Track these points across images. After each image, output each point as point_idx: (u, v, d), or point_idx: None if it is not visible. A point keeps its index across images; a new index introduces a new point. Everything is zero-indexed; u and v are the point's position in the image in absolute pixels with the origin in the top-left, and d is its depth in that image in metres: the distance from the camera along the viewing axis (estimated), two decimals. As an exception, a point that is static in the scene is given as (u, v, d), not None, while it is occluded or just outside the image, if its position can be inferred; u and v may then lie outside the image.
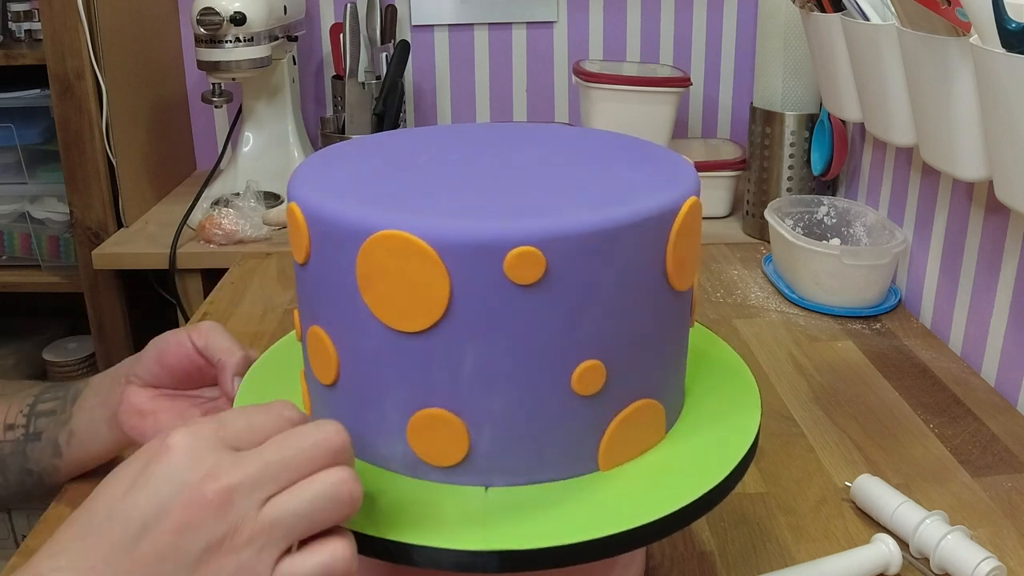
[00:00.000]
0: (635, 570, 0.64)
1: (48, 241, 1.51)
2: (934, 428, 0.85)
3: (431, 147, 0.60)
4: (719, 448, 0.55)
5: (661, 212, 0.50)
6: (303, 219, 0.50)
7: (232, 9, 1.35)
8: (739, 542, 0.70)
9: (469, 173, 0.55)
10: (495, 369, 0.49)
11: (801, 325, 1.07)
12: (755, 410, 0.58)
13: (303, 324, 0.55)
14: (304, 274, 0.52)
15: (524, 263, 0.46)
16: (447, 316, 0.47)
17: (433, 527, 0.48)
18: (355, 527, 0.48)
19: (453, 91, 1.71)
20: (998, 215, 0.95)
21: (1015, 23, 0.71)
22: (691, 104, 1.71)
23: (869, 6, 0.99)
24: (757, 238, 1.36)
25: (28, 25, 1.50)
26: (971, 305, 1.00)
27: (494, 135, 0.63)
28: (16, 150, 1.49)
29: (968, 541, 0.66)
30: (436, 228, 0.46)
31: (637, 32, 1.67)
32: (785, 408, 0.89)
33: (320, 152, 0.59)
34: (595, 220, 0.48)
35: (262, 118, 1.54)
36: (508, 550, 0.47)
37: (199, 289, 1.39)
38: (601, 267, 0.48)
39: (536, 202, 0.51)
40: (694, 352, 0.62)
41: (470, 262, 0.46)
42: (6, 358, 1.67)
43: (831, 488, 0.77)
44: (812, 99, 1.30)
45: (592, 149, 0.60)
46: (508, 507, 0.50)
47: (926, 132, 0.93)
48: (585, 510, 0.50)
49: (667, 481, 0.52)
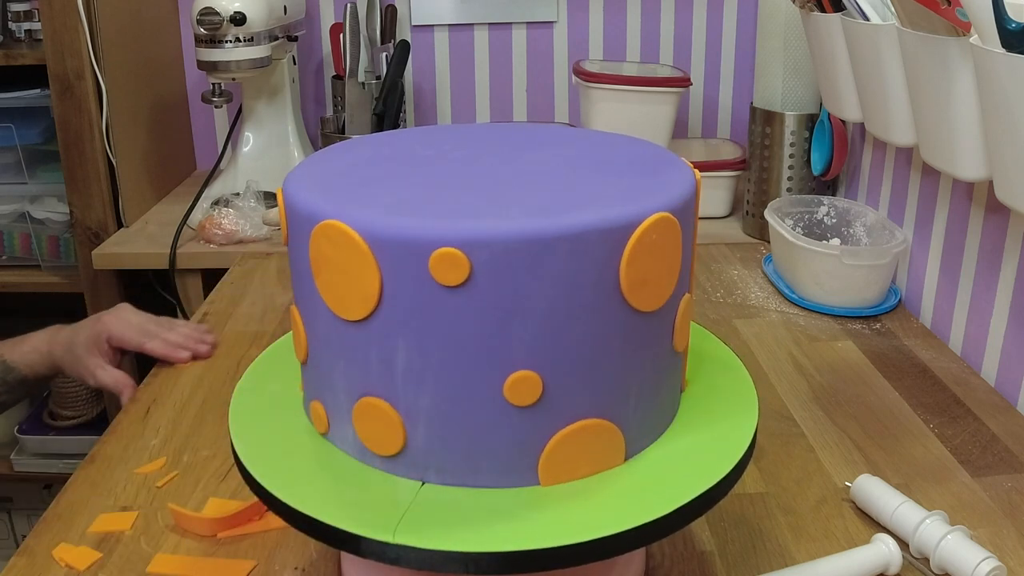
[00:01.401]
0: (635, 570, 0.64)
1: (48, 241, 1.51)
2: (934, 428, 0.85)
3: (423, 146, 0.61)
4: (687, 472, 0.53)
5: (610, 226, 0.48)
6: (283, 204, 0.54)
7: (232, 9, 1.35)
8: (739, 542, 0.70)
9: (439, 173, 0.56)
10: (425, 366, 0.49)
11: (801, 325, 1.07)
12: (751, 412, 0.58)
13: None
14: (289, 257, 0.56)
15: (447, 264, 0.46)
16: (379, 308, 0.49)
17: (356, 511, 0.50)
18: (293, 501, 0.50)
19: (453, 91, 1.71)
20: (998, 215, 0.95)
21: (1015, 23, 0.71)
22: (691, 104, 1.71)
23: (869, 6, 0.99)
24: (757, 238, 1.36)
25: (28, 25, 1.50)
26: (971, 305, 1.00)
27: (494, 136, 0.64)
28: (16, 150, 1.49)
29: (968, 541, 0.66)
30: (369, 222, 0.48)
31: (637, 32, 1.67)
32: (785, 408, 0.89)
33: (324, 149, 0.61)
34: (526, 227, 0.46)
35: (262, 118, 1.54)
36: (409, 546, 0.47)
37: (199, 289, 1.39)
38: (532, 276, 0.47)
39: (482, 204, 0.50)
40: (690, 352, 0.62)
41: (397, 258, 0.47)
42: (6, 358, 1.67)
43: (831, 488, 0.77)
44: (812, 99, 1.30)
45: (584, 152, 0.60)
46: (434, 505, 0.50)
47: (926, 132, 0.93)
48: (508, 523, 0.49)
49: (607, 503, 0.51)
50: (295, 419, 0.59)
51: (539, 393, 0.50)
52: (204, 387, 0.94)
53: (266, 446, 0.56)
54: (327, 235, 0.49)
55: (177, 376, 0.96)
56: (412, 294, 0.48)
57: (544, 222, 0.47)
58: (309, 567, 0.67)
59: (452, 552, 0.47)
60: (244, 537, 0.70)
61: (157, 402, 0.91)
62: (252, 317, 1.11)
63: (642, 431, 0.55)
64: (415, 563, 0.47)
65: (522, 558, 0.47)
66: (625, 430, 0.53)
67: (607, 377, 0.51)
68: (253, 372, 0.64)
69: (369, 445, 0.53)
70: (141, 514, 0.73)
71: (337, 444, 0.55)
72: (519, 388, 0.49)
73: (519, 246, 0.47)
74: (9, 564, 0.67)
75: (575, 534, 0.48)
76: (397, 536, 0.48)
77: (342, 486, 0.52)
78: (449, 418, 0.50)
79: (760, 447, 0.82)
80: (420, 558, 0.47)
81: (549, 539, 0.47)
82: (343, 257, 0.49)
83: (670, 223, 0.51)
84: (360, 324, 0.50)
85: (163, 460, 0.80)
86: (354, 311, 0.50)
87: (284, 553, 0.68)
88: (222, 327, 1.08)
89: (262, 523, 0.71)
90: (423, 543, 0.47)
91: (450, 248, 0.46)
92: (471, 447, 0.51)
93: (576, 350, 0.50)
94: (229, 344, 1.03)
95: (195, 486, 0.77)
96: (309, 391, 0.57)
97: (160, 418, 0.88)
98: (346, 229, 0.48)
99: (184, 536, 0.70)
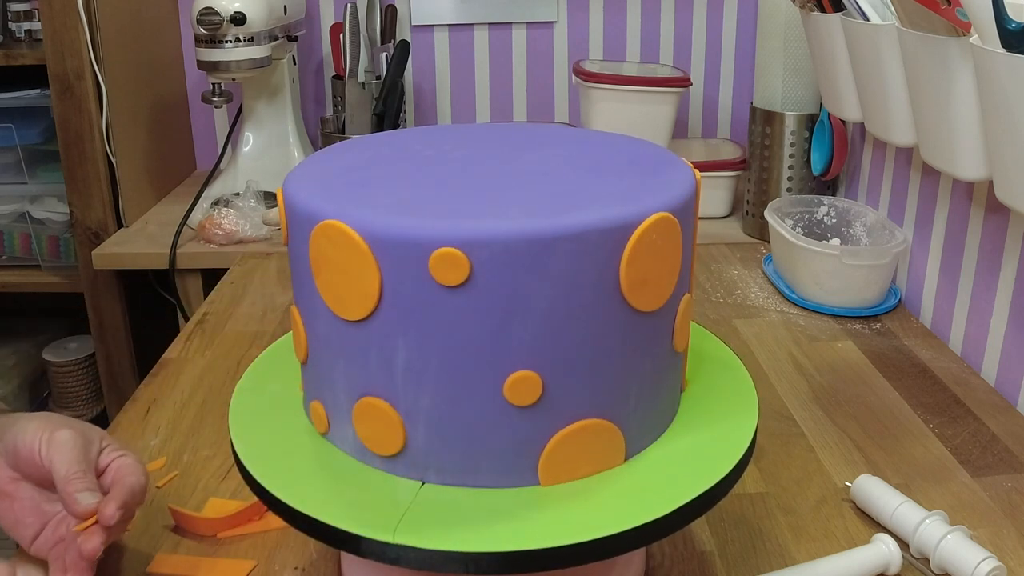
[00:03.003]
0: (635, 570, 0.64)
1: (48, 241, 1.51)
2: (934, 428, 0.85)
3: (423, 146, 0.61)
4: (687, 472, 0.53)
5: (610, 226, 0.48)
6: (282, 204, 0.54)
7: (232, 9, 1.35)
8: (739, 542, 0.70)
9: (439, 172, 0.56)
10: (425, 366, 0.49)
11: (801, 325, 1.07)
12: (751, 412, 0.58)
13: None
14: (289, 257, 0.56)
15: (447, 264, 0.46)
16: (379, 308, 0.49)
17: (355, 511, 0.50)
18: (295, 503, 0.50)
19: (453, 91, 1.71)
20: (998, 215, 0.95)
21: (1015, 23, 0.71)
22: (691, 104, 1.71)
23: (869, 6, 0.99)
24: (757, 238, 1.36)
25: (28, 25, 1.50)
26: (971, 305, 1.00)
27: (494, 136, 0.64)
28: (16, 150, 1.49)
29: (968, 541, 0.66)
30: (369, 222, 0.48)
31: (637, 32, 1.67)
32: (785, 408, 0.89)
33: (324, 149, 0.61)
34: (526, 227, 0.46)
35: (262, 118, 1.54)
36: (409, 546, 0.47)
37: (199, 289, 1.39)
38: (533, 276, 0.47)
39: (482, 204, 0.50)
40: (690, 352, 0.62)
41: (397, 258, 0.47)
42: (6, 358, 1.67)
43: (831, 488, 0.77)
44: (812, 99, 1.30)
45: (584, 152, 0.60)
46: (434, 505, 0.50)
47: (926, 132, 0.93)
48: (508, 523, 0.49)
49: (607, 503, 0.51)
50: (295, 419, 0.59)
51: (539, 393, 0.50)
52: (204, 387, 0.94)
53: (266, 446, 0.56)
54: (327, 235, 0.49)
55: (177, 376, 0.96)
56: (412, 294, 0.48)
57: (544, 222, 0.47)
58: (309, 567, 0.67)
59: (452, 552, 0.47)
60: (244, 537, 0.70)
61: (157, 402, 0.91)
62: (252, 317, 1.11)
63: (642, 431, 0.55)
64: (415, 563, 0.47)
65: (522, 558, 0.47)
66: (625, 430, 0.53)
67: (607, 377, 0.51)
68: (253, 372, 0.64)
69: (369, 445, 0.53)
70: (141, 514, 0.73)
71: (337, 444, 0.55)
72: (519, 388, 0.49)
73: (519, 246, 0.46)
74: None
75: (575, 534, 0.48)
76: (397, 536, 0.48)
77: (342, 486, 0.52)
78: (449, 418, 0.50)
79: (760, 447, 0.82)
80: (420, 558, 0.47)
81: (549, 539, 0.47)
82: (343, 257, 0.49)
83: (670, 223, 0.50)
84: (360, 324, 0.50)
85: (163, 460, 0.80)
86: (354, 311, 0.50)
87: (284, 553, 0.68)
88: (222, 327, 1.08)
89: (262, 523, 0.71)
90: (423, 543, 0.47)
91: (450, 248, 0.46)
92: (471, 447, 0.51)
93: (576, 350, 0.50)
94: (229, 344, 1.03)
95: (195, 486, 0.77)
96: (309, 391, 0.57)
97: (160, 418, 0.88)
98: (346, 229, 0.48)
99: (184, 536, 0.70)
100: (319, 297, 0.51)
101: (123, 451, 0.65)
